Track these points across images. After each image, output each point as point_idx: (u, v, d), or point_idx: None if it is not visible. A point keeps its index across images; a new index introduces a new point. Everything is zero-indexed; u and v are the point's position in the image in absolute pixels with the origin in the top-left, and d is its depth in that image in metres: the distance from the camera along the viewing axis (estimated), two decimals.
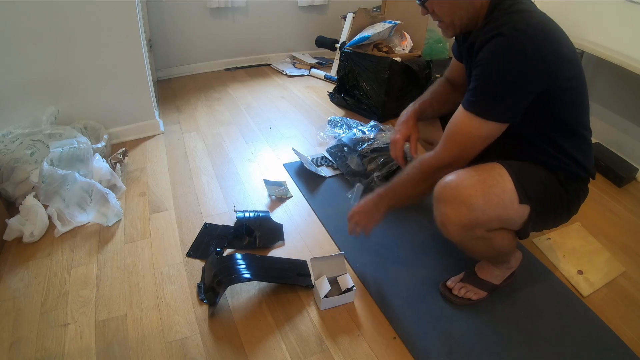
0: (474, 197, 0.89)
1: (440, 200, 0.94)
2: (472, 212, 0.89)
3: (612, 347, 1.09)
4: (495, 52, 0.85)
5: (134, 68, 1.83)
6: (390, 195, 1.09)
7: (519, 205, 0.92)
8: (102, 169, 1.55)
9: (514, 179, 0.91)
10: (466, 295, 1.17)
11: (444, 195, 0.92)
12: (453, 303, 1.17)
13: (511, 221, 0.96)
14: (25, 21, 1.52)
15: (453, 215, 0.92)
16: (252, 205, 1.56)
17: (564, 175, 0.99)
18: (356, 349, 1.05)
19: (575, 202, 1.04)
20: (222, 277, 1.11)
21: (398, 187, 1.07)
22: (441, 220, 0.95)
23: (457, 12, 0.93)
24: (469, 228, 0.93)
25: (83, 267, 1.26)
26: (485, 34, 0.87)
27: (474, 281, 1.18)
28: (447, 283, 1.21)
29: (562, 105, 0.91)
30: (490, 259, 1.15)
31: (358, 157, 1.72)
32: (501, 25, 0.84)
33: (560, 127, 0.95)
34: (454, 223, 0.92)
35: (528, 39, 0.82)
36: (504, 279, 1.20)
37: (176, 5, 2.60)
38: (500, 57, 0.84)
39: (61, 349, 1.02)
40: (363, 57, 2.23)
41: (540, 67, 0.84)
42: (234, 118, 2.25)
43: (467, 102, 0.92)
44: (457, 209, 0.90)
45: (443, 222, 0.95)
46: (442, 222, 0.95)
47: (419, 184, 1.03)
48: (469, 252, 1.08)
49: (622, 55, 1.74)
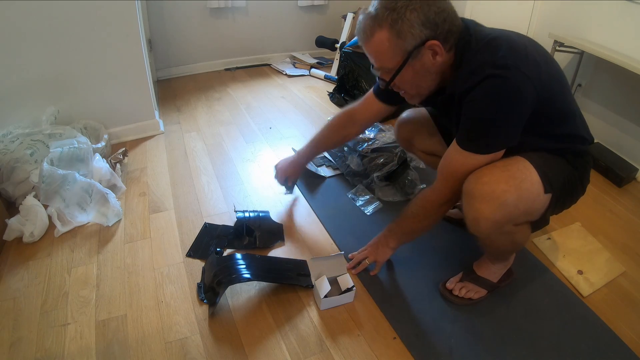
0: (508, 192, 0.88)
1: (473, 197, 0.92)
2: (506, 207, 0.89)
3: (612, 347, 1.08)
4: (490, 94, 0.85)
5: (134, 68, 1.83)
6: (398, 230, 1.17)
7: (544, 195, 0.93)
8: (102, 169, 1.55)
9: (538, 171, 0.92)
10: (466, 294, 1.17)
11: (478, 192, 0.91)
12: (454, 303, 1.17)
13: (536, 212, 0.97)
14: (25, 21, 1.52)
15: (487, 212, 0.90)
16: (252, 205, 1.56)
17: (571, 155, 1.00)
18: (356, 349, 1.05)
19: (585, 174, 1.05)
20: (222, 277, 1.11)
21: (404, 222, 1.14)
22: (474, 216, 0.93)
23: (424, 81, 0.94)
24: (501, 224, 0.93)
25: (83, 267, 1.26)
26: (465, 81, 0.88)
27: (473, 279, 1.18)
28: (446, 284, 1.21)
29: (551, 105, 0.92)
30: (505, 253, 1.14)
31: (358, 157, 1.72)
32: (480, 66, 0.85)
33: (554, 120, 0.95)
34: (487, 219, 0.91)
35: (514, 72, 0.83)
36: (502, 276, 1.20)
37: (176, 5, 2.60)
38: (495, 97, 0.85)
39: (61, 349, 1.02)
40: (363, 57, 2.23)
41: (533, 95, 0.85)
42: (234, 118, 2.25)
43: (465, 143, 0.92)
44: (491, 205, 0.89)
45: (476, 217, 0.93)
46: (475, 217, 0.93)
47: (423, 219, 1.09)
48: (489, 247, 1.09)
49: (622, 55, 1.74)
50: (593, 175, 1.85)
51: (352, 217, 1.51)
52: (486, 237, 1.00)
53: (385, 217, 1.51)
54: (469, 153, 0.92)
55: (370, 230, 1.44)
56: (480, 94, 0.86)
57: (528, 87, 0.84)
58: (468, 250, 1.37)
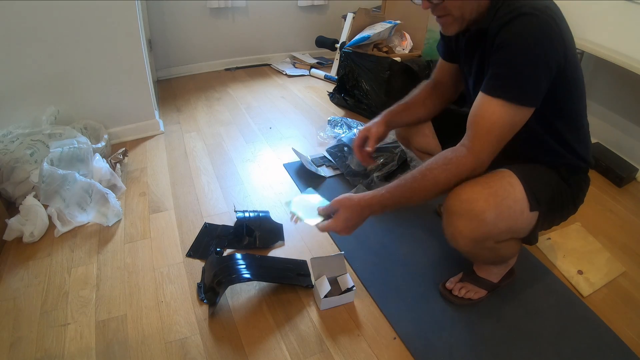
0: (487, 211, 0.87)
1: (452, 213, 0.92)
2: (484, 226, 0.89)
3: (612, 347, 1.08)
4: (521, 32, 0.80)
5: (134, 68, 1.83)
6: (389, 200, 0.91)
7: (529, 213, 0.92)
8: (102, 169, 1.55)
9: (524, 186, 0.90)
10: (466, 295, 1.17)
11: (456, 208, 0.90)
12: (453, 303, 1.17)
13: (520, 230, 0.96)
14: (25, 21, 1.52)
15: (465, 229, 0.91)
16: (252, 205, 1.56)
17: (566, 170, 0.99)
18: (356, 349, 1.05)
19: (579, 194, 1.04)
20: (222, 277, 1.11)
21: (408, 191, 0.90)
22: (452, 233, 0.94)
23: (470, 4, 0.87)
24: (479, 241, 0.93)
25: (83, 267, 1.26)
26: (500, 19, 0.83)
27: (473, 280, 1.18)
28: (446, 284, 1.21)
29: (565, 91, 0.89)
30: (494, 264, 1.15)
31: None
32: (519, 7, 0.81)
33: (563, 117, 0.93)
34: (465, 237, 0.92)
35: (550, 17, 0.80)
36: (503, 277, 1.20)
37: (176, 5, 2.60)
38: (526, 36, 0.79)
39: (61, 349, 1.02)
40: (363, 57, 2.23)
41: (562, 45, 0.82)
42: (234, 118, 2.25)
43: (494, 89, 0.84)
44: (469, 222, 0.89)
45: (454, 234, 0.94)
46: (452, 234, 0.94)
47: (442, 188, 0.89)
48: (474, 260, 1.08)
49: (622, 55, 1.74)
50: (593, 175, 1.85)
51: None
52: (466, 252, 1.00)
53: (385, 217, 1.51)
54: (500, 101, 0.83)
55: (371, 231, 1.44)
56: (509, 33, 0.81)
57: (557, 34, 0.81)
58: None
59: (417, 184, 0.89)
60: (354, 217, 0.93)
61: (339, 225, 0.93)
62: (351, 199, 0.93)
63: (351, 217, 0.93)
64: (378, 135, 1.17)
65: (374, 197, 0.92)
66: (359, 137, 1.19)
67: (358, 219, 0.93)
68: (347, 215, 0.93)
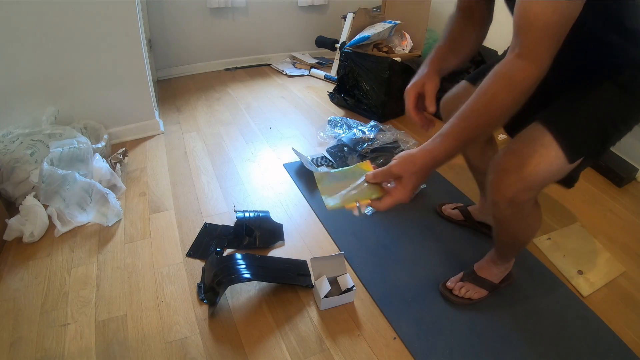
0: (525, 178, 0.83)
1: (496, 172, 0.87)
2: (524, 183, 0.84)
3: (612, 347, 1.08)
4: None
5: (134, 68, 1.83)
6: (456, 148, 0.76)
7: (569, 165, 0.85)
8: (102, 169, 1.55)
9: (561, 144, 0.83)
10: (467, 294, 1.17)
11: (502, 166, 0.86)
12: (454, 303, 1.17)
13: (560, 177, 0.89)
14: (25, 21, 1.52)
15: (508, 185, 0.86)
16: (252, 205, 1.56)
17: (629, 75, 0.84)
18: (356, 349, 1.05)
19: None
20: (222, 277, 1.11)
21: (475, 129, 0.75)
22: (496, 188, 0.88)
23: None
24: (519, 201, 0.87)
25: (83, 267, 1.26)
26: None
27: (474, 280, 1.18)
28: (447, 284, 1.21)
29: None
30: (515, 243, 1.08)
31: (358, 157, 1.72)
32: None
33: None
34: (506, 192, 0.87)
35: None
36: (503, 279, 1.20)
37: (176, 5, 2.60)
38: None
39: (61, 349, 1.02)
40: (363, 57, 2.23)
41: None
42: (234, 118, 2.25)
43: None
44: (510, 179, 0.85)
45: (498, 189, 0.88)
46: (496, 188, 0.88)
47: (511, 111, 0.73)
48: (502, 231, 1.02)
49: None
50: (593, 175, 1.85)
51: (352, 217, 1.51)
52: (502, 217, 0.94)
53: (385, 217, 1.51)
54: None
55: (371, 231, 1.44)
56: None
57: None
58: (469, 250, 1.37)
59: (484, 118, 0.74)
60: (419, 181, 0.78)
61: (406, 195, 0.78)
62: (414, 161, 0.77)
63: (417, 183, 0.78)
64: (435, 89, 1.00)
65: (439, 150, 0.76)
66: (412, 98, 1.02)
67: (423, 180, 0.79)
68: (414, 181, 0.77)
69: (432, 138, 0.77)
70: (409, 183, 0.77)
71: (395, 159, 0.79)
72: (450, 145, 0.76)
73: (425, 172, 0.77)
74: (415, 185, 0.78)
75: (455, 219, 1.48)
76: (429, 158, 0.76)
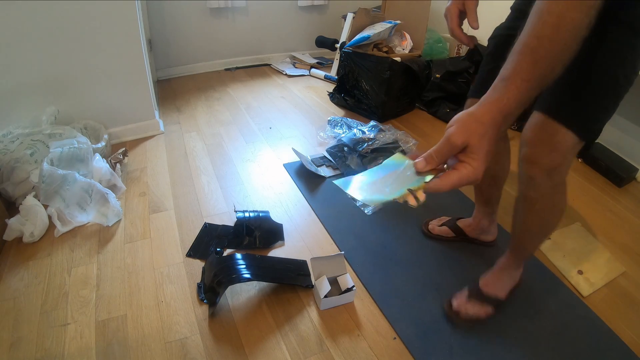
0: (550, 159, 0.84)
1: (530, 144, 0.87)
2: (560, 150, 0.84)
3: (612, 347, 1.08)
4: None
5: (134, 68, 1.83)
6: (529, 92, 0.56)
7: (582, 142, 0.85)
8: (102, 169, 1.55)
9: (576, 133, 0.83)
10: (473, 314, 1.11)
11: (537, 137, 0.86)
12: (460, 325, 1.12)
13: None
14: (25, 21, 1.52)
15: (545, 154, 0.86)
16: (252, 205, 1.56)
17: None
18: (356, 349, 1.05)
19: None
20: (222, 277, 1.11)
21: (549, 63, 0.56)
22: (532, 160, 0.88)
23: None
24: (559, 169, 0.88)
25: (83, 267, 1.26)
26: None
27: (480, 297, 1.13)
28: (452, 303, 1.14)
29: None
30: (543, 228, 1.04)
31: (358, 157, 1.73)
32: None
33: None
34: (544, 162, 0.87)
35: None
36: (510, 291, 1.16)
37: (176, 5, 2.60)
38: None
39: (61, 349, 1.02)
40: (363, 57, 2.23)
41: None
42: (234, 118, 2.25)
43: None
44: (545, 148, 0.85)
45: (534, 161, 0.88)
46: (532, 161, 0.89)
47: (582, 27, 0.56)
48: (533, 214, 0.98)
49: None
50: (593, 175, 1.86)
51: (352, 217, 1.51)
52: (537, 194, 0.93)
53: (385, 218, 1.51)
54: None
55: (370, 230, 1.44)
56: None
57: None
58: (468, 250, 1.37)
59: (557, 45, 0.55)
60: (492, 145, 0.56)
61: (480, 168, 0.56)
62: (480, 119, 0.56)
63: (490, 148, 0.56)
64: (476, 5, 0.92)
65: (508, 98, 0.56)
66: (455, 16, 0.94)
67: (494, 144, 0.58)
68: (485, 147, 0.55)
69: (490, 89, 0.58)
70: (480, 150, 0.55)
71: (450, 125, 0.57)
72: (521, 88, 0.56)
73: (496, 132, 0.57)
74: (488, 151, 0.56)
75: (446, 237, 1.41)
76: (496, 111, 0.56)
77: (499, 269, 1.15)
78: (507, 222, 1.47)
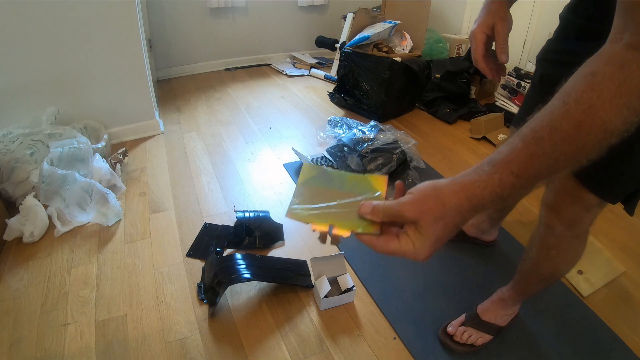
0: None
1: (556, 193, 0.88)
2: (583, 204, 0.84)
3: (612, 347, 1.08)
4: None
5: (134, 68, 1.83)
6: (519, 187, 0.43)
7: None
8: (102, 169, 1.55)
9: (603, 198, 0.82)
10: (469, 340, 1.05)
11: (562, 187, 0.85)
12: (454, 351, 1.05)
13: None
14: (25, 21, 1.52)
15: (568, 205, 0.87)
16: (252, 205, 1.56)
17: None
18: (356, 349, 1.05)
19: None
20: (222, 277, 1.11)
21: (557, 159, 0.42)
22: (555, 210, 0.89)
23: None
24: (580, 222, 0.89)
25: (83, 267, 1.26)
26: None
27: (478, 324, 1.07)
28: (447, 329, 1.08)
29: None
30: (553, 274, 0.99)
31: (358, 157, 1.72)
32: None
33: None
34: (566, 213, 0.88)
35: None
36: (510, 321, 1.10)
37: (176, 5, 2.60)
38: None
39: (61, 349, 1.02)
40: (363, 57, 2.23)
41: None
42: (234, 118, 2.25)
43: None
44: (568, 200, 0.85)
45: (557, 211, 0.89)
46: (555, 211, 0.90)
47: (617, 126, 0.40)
48: (546, 260, 0.95)
49: None
50: None
51: None
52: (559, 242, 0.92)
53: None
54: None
55: None
56: None
57: None
58: (468, 249, 1.37)
59: (572, 144, 0.41)
60: (447, 234, 0.45)
61: (424, 252, 0.45)
62: (441, 199, 0.44)
63: (443, 236, 0.45)
64: (508, 30, 0.75)
65: (485, 186, 0.43)
66: (481, 43, 0.76)
67: (452, 235, 0.46)
68: (438, 233, 0.44)
69: (474, 167, 0.45)
70: (428, 235, 0.44)
71: (410, 193, 0.47)
72: (505, 182, 0.43)
73: (458, 219, 0.44)
74: (438, 239, 0.45)
75: None
76: (464, 198, 0.44)
77: (500, 299, 1.08)
78: (508, 222, 1.48)
